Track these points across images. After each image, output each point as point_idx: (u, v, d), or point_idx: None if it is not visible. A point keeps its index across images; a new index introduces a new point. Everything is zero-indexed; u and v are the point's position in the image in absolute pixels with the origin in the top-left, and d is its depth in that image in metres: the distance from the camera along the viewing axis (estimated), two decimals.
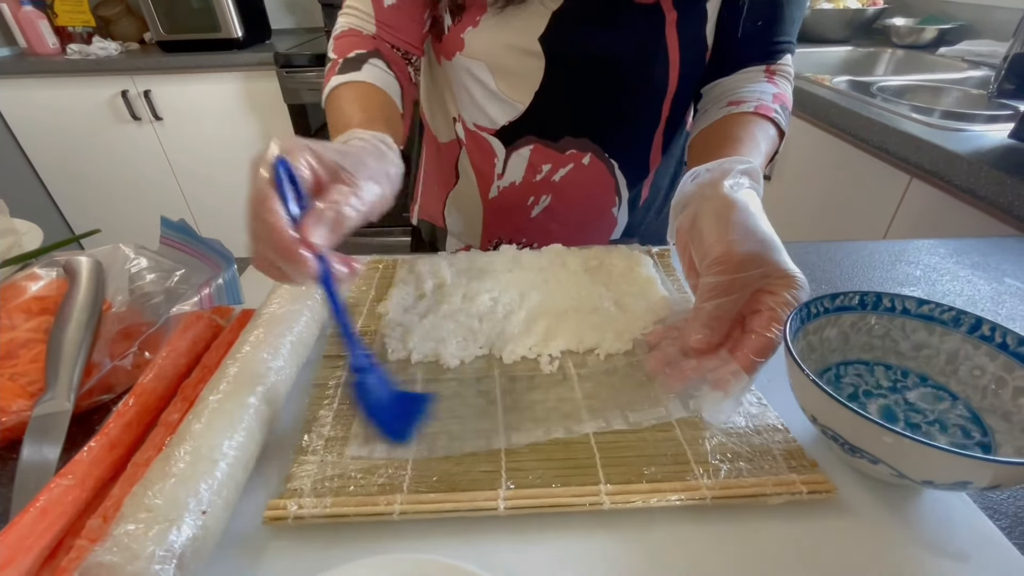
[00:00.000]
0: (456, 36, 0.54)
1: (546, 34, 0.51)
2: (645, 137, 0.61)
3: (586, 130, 0.58)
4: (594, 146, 0.59)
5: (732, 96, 0.53)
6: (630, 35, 0.52)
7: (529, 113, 0.56)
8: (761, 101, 0.52)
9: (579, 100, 0.56)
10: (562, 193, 0.62)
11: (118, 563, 0.23)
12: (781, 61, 0.55)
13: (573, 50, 0.52)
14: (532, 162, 0.60)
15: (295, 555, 0.29)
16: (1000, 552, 0.29)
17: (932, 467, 0.26)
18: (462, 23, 0.53)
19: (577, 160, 0.60)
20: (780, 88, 0.54)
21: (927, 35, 1.46)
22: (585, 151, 0.59)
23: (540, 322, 0.43)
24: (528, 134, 0.58)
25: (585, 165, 0.60)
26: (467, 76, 0.56)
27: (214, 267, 0.46)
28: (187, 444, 0.29)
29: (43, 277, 0.43)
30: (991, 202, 0.77)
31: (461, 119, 0.60)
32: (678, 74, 0.55)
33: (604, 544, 0.29)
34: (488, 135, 0.59)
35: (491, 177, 0.62)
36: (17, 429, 0.34)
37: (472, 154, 0.62)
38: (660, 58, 0.54)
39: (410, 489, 0.31)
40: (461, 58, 0.55)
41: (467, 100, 0.58)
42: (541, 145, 0.59)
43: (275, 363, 0.35)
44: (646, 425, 0.35)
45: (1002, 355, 0.32)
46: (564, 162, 0.60)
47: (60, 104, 1.85)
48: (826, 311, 0.36)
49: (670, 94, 0.57)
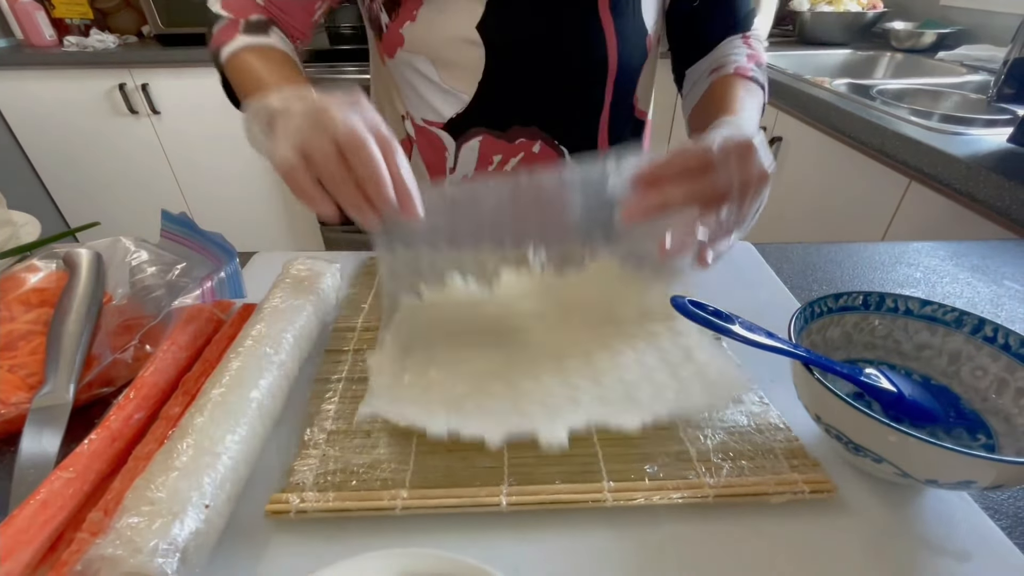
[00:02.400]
0: (395, 33, 0.55)
1: (483, 22, 0.52)
2: (591, 122, 0.62)
3: (533, 118, 0.59)
4: (542, 134, 0.60)
5: (713, 65, 0.58)
6: (564, 19, 0.53)
7: (475, 104, 0.57)
8: (737, 63, 0.56)
9: (522, 87, 0.57)
10: None
11: (121, 556, 0.23)
12: (753, 28, 0.60)
13: (511, 36, 0.53)
14: (482, 153, 0.61)
15: (297, 549, 0.29)
16: (1001, 551, 0.29)
17: (937, 466, 0.26)
18: (399, 19, 0.54)
19: (527, 149, 0.61)
20: (753, 49, 0.58)
21: (926, 39, 1.46)
22: (534, 139, 0.60)
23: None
24: (476, 125, 0.59)
25: (535, 153, 0.61)
26: (410, 71, 0.57)
27: (215, 261, 0.46)
28: (190, 437, 0.29)
29: (42, 269, 0.43)
30: (989, 206, 0.77)
31: (409, 116, 0.61)
32: (617, 56, 0.57)
33: (606, 541, 0.29)
34: (437, 129, 0.60)
35: (443, 172, 0.63)
36: (16, 421, 0.34)
37: (423, 150, 0.63)
38: (596, 39, 0.55)
39: (412, 484, 0.31)
40: (403, 53, 0.56)
41: (413, 95, 0.59)
42: (490, 136, 0.59)
43: (277, 357, 0.35)
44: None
45: (1004, 356, 0.33)
46: (514, 151, 0.61)
47: (57, 97, 1.84)
48: (829, 311, 0.36)
49: (611, 77, 0.58)
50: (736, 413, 0.36)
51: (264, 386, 0.33)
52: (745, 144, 0.36)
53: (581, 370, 0.39)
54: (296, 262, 0.45)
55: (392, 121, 0.64)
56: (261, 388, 0.33)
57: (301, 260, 0.45)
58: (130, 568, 0.23)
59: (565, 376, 0.38)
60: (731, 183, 0.36)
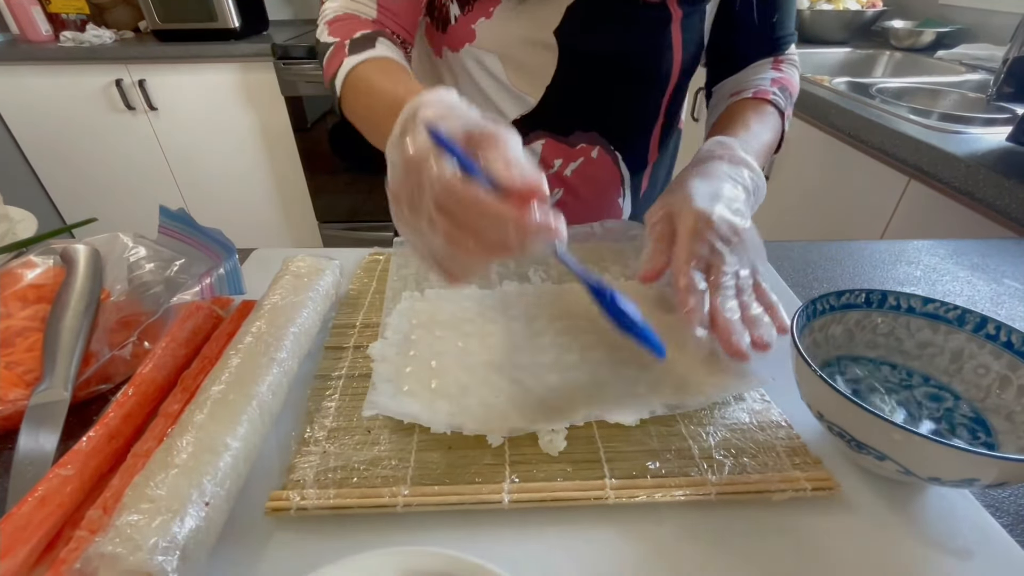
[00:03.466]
0: (466, 27, 0.53)
1: (561, 27, 0.51)
2: (647, 131, 0.63)
3: (594, 124, 0.59)
4: (601, 139, 0.60)
5: (736, 88, 0.59)
6: (640, 31, 0.53)
7: (540, 107, 0.57)
8: (759, 87, 0.57)
9: (589, 94, 0.57)
10: (574, 186, 0.63)
11: (121, 553, 0.23)
12: (788, 52, 0.60)
13: (586, 44, 0.53)
14: (544, 157, 0.60)
15: (298, 547, 0.29)
16: (1002, 549, 0.29)
17: (940, 464, 0.26)
18: (472, 14, 0.52)
19: (587, 154, 0.61)
20: (784, 74, 0.59)
21: (925, 38, 1.46)
22: (594, 144, 0.60)
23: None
24: (539, 129, 0.58)
25: (594, 159, 0.61)
26: (476, 68, 0.56)
27: (214, 257, 0.45)
28: (189, 435, 0.28)
29: (39, 265, 0.43)
30: (988, 204, 0.77)
31: None
32: (679, 69, 0.58)
33: (607, 539, 0.29)
34: None
35: None
36: (13, 418, 0.34)
37: None
38: (666, 53, 0.55)
39: (413, 481, 0.31)
40: (471, 49, 0.54)
41: (475, 93, 0.58)
42: (553, 140, 0.59)
43: (278, 354, 0.35)
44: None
45: (1007, 354, 0.33)
46: (575, 156, 0.60)
47: (53, 92, 1.83)
48: (832, 308, 0.36)
49: (671, 88, 0.59)
50: (738, 410, 0.36)
51: (264, 383, 0.33)
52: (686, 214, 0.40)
53: (580, 364, 0.39)
54: (296, 259, 0.44)
55: None
56: (261, 385, 0.33)
57: (301, 257, 0.45)
58: (130, 566, 0.23)
59: (565, 370, 0.38)
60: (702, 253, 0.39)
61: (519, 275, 0.49)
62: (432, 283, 0.47)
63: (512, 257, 0.31)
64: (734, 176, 0.44)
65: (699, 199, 0.40)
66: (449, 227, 0.27)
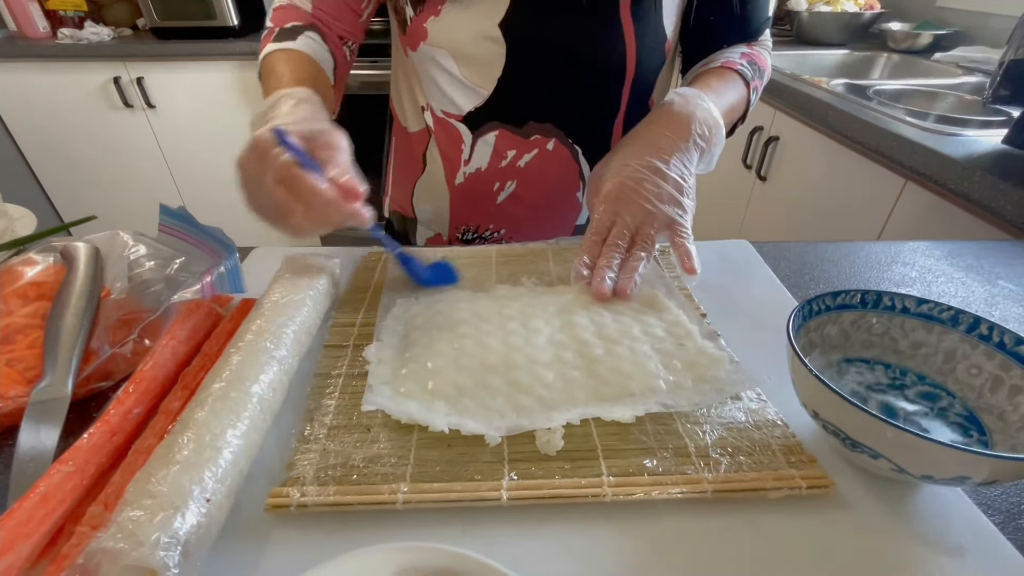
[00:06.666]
0: (419, 26, 0.56)
1: (506, 20, 0.53)
2: (606, 123, 0.63)
3: (549, 115, 0.60)
4: (558, 131, 0.61)
5: (706, 64, 0.61)
6: (585, 19, 0.54)
7: (493, 99, 0.58)
8: (728, 59, 0.59)
9: (541, 85, 0.58)
10: (527, 179, 0.63)
11: (123, 549, 0.23)
12: (762, 37, 0.63)
13: (532, 34, 0.54)
14: (497, 148, 0.61)
15: (298, 543, 0.29)
16: (994, 546, 0.29)
17: (932, 462, 0.27)
18: (424, 13, 0.55)
19: (542, 146, 0.61)
20: (752, 50, 0.61)
21: (922, 40, 1.47)
22: (549, 136, 0.61)
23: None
24: (493, 120, 0.60)
25: (550, 151, 0.62)
26: (432, 65, 0.58)
27: (214, 255, 0.46)
28: (190, 432, 0.29)
29: (40, 262, 0.43)
30: (984, 206, 0.78)
31: (430, 107, 0.62)
32: (635, 60, 0.58)
33: (605, 535, 0.29)
34: (455, 121, 0.61)
35: (458, 163, 0.63)
36: (14, 415, 0.34)
37: (440, 141, 0.63)
38: (616, 42, 0.56)
39: (413, 478, 0.31)
40: (425, 47, 0.57)
41: (434, 88, 0.60)
42: (506, 131, 0.60)
43: (278, 352, 0.35)
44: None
45: (999, 354, 0.33)
46: (529, 147, 0.61)
47: (50, 90, 1.82)
48: (828, 309, 0.36)
49: (628, 80, 0.60)
50: (734, 409, 0.37)
51: (265, 381, 0.33)
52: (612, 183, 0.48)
53: (576, 362, 0.39)
54: (295, 257, 0.45)
55: (412, 112, 0.65)
56: (262, 383, 0.33)
57: (300, 255, 0.45)
58: (132, 561, 0.23)
59: (561, 368, 0.38)
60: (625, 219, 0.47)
61: (512, 280, 0.49)
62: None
63: (331, 228, 0.39)
64: (669, 128, 0.50)
65: (614, 171, 0.49)
66: (285, 197, 0.37)
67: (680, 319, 0.43)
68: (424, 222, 0.71)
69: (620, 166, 0.49)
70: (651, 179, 0.47)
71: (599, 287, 0.44)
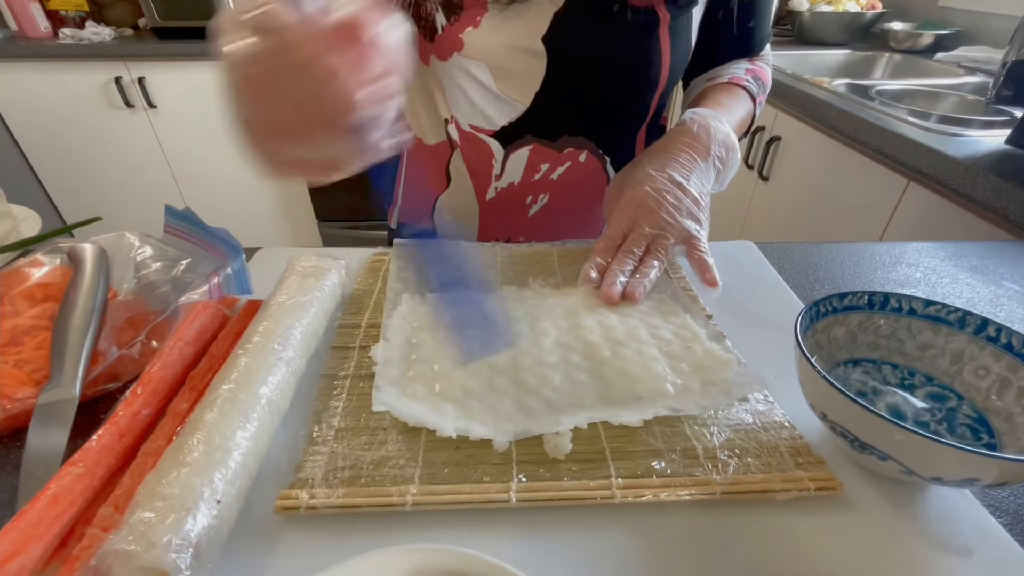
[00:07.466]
0: (453, 36, 0.53)
1: (549, 34, 0.52)
2: (632, 133, 0.64)
3: (582, 128, 0.60)
4: (589, 143, 0.61)
5: (711, 76, 0.63)
6: (628, 35, 0.54)
7: (529, 113, 0.57)
8: (734, 75, 0.61)
9: (578, 99, 0.57)
10: (560, 191, 0.63)
11: (135, 551, 0.23)
12: (763, 52, 0.65)
13: (575, 50, 0.53)
14: (531, 162, 0.61)
15: (307, 545, 0.29)
16: (1002, 548, 0.29)
17: (941, 464, 0.27)
18: (460, 23, 0.53)
19: (574, 158, 0.61)
20: (755, 66, 0.63)
21: (924, 40, 1.47)
22: (581, 149, 0.61)
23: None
24: (527, 134, 0.59)
25: (582, 163, 0.62)
26: (464, 76, 0.56)
27: (219, 256, 0.46)
28: (200, 433, 0.29)
29: (46, 264, 0.43)
30: (987, 207, 0.78)
31: (455, 120, 0.60)
32: (668, 72, 0.59)
33: (614, 537, 0.29)
34: (486, 136, 0.59)
35: (488, 178, 0.62)
36: (22, 417, 0.34)
37: (467, 156, 0.62)
38: (655, 57, 0.56)
39: (422, 480, 0.31)
40: (458, 58, 0.55)
41: (463, 101, 0.58)
42: (540, 145, 0.60)
43: (285, 354, 0.35)
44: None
45: (1007, 356, 0.33)
46: (562, 160, 0.61)
47: (51, 90, 1.82)
48: (834, 310, 0.37)
49: (659, 91, 0.60)
50: (741, 411, 0.37)
51: (273, 382, 0.33)
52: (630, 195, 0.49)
53: (583, 364, 0.39)
54: (301, 258, 0.45)
55: (431, 124, 0.63)
56: (270, 384, 0.33)
57: (307, 256, 0.45)
58: (144, 563, 0.23)
59: (568, 370, 0.38)
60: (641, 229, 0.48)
61: (518, 282, 0.49)
62: (432, 287, 0.46)
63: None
64: (690, 147, 0.50)
65: (636, 181, 0.49)
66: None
67: (687, 321, 0.43)
68: (447, 235, 0.70)
69: (643, 177, 0.49)
70: (673, 192, 0.48)
71: (609, 290, 0.44)
